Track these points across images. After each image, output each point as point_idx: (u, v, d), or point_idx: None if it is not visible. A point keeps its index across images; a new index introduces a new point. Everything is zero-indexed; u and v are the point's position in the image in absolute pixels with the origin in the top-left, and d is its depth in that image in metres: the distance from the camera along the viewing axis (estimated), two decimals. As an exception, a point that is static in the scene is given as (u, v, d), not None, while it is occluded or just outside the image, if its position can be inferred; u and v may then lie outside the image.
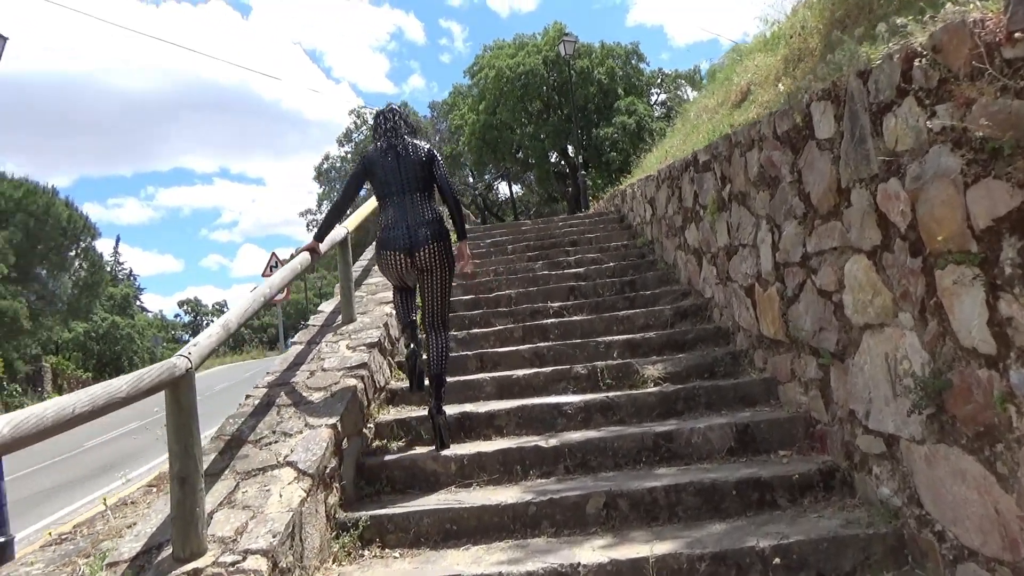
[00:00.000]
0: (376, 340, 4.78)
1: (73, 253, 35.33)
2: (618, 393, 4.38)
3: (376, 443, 4.18)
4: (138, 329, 45.40)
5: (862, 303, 3.03)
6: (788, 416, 3.81)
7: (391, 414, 4.49)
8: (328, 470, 3.32)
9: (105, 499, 3.46)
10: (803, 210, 3.55)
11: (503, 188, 39.62)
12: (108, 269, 48.09)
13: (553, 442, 3.83)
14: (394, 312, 4.77)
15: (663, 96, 34.25)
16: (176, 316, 68.59)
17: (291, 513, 2.77)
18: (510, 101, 29.85)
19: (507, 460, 3.78)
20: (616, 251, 8.09)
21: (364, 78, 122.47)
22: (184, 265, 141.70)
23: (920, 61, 2.42)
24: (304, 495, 2.96)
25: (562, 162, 32.58)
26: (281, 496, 2.91)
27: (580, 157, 24.89)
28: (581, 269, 7.43)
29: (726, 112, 7.50)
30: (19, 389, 27.33)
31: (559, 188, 32.96)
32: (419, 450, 4.00)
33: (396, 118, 4.31)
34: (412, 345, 4.25)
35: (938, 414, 2.54)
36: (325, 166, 41.54)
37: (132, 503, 3.53)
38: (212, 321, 3.89)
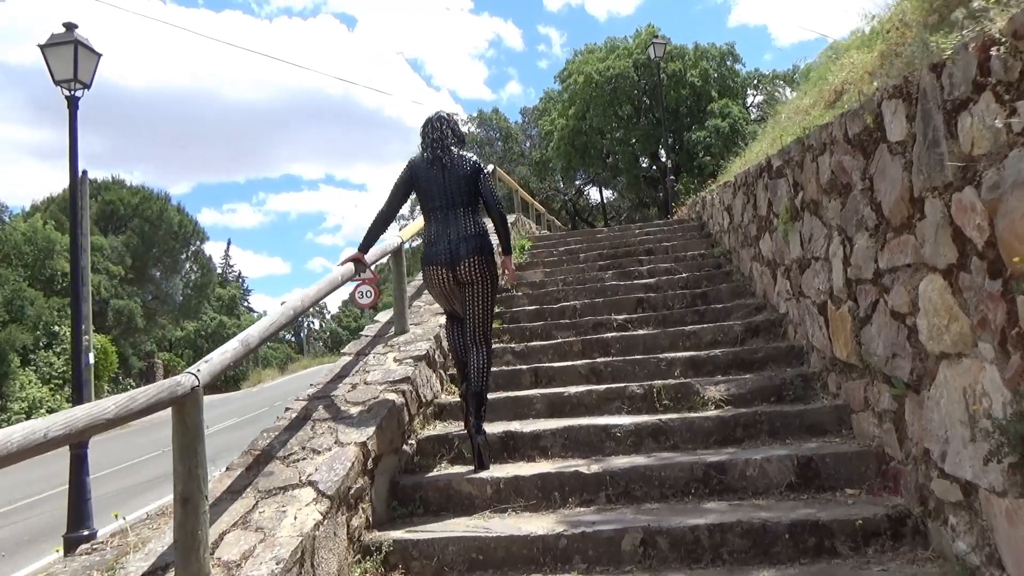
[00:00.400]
0: (424, 352, 4.66)
1: (184, 256, 37.51)
2: (673, 416, 4.08)
3: (417, 460, 4.06)
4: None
5: (937, 329, 2.65)
6: (858, 450, 3.42)
7: (436, 430, 4.36)
8: (352, 491, 3.21)
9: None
10: (875, 221, 3.18)
11: (593, 194, 39.22)
12: (219, 271, 50.81)
13: (596, 468, 3.59)
14: (447, 344, 4.62)
15: (759, 98, 32.93)
16: (279, 317, 71.33)
17: (300, 538, 2.66)
18: (599, 105, 29.40)
19: (546, 486, 3.57)
20: (692, 261, 7.70)
21: (463, 85, 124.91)
22: (291, 268, 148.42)
23: (998, 50, 2.06)
24: (320, 518, 2.85)
25: (653, 167, 31.85)
26: (296, 518, 2.81)
27: (670, 162, 24.17)
28: (652, 280, 7.10)
29: (818, 113, 6.99)
30: (132, 384, 29.20)
31: (650, 193, 32.24)
32: (457, 470, 3.85)
33: (444, 127, 4.16)
34: (467, 384, 4.10)
35: (1021, 464, 2.15)
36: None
37: (169, 514, 3.52)
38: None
